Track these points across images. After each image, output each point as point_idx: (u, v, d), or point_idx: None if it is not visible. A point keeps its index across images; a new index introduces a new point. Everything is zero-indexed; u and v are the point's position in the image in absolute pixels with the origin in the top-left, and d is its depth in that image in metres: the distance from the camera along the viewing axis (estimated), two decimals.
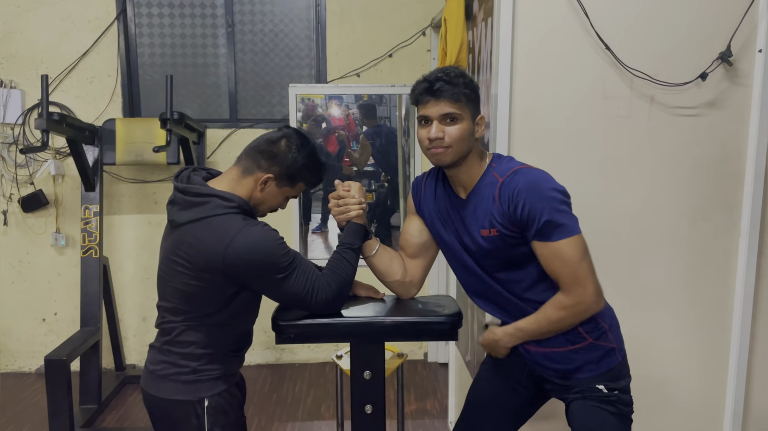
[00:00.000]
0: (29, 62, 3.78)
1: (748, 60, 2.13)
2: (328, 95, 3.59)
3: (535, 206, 1.51)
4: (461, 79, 1.57)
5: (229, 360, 1.69)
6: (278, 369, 4.01)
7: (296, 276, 1.58)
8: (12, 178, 3.82)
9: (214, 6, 3.93)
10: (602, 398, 1.64)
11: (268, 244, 1.55)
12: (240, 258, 1.52)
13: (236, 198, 1.59)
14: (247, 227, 1.55)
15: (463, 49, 2.62)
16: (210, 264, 1.54)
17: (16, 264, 3.91)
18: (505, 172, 1.58)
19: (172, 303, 1.63)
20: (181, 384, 1.63)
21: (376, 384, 1.69)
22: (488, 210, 1.59)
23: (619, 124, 2.14)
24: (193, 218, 1.56)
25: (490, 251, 1.62)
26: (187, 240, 1.56)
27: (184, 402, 1.63)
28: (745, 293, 2.21)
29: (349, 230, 1.71)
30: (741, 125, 2.16)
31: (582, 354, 1.65)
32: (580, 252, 1.54)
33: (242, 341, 1.73)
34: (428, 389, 3.64)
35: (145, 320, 3.99)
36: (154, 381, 1.66)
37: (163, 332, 1.67)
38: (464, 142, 1.58)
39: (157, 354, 1.67)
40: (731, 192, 2.20)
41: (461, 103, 1.56)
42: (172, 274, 1.61)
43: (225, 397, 1.67)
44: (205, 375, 1.64)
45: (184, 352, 1.63)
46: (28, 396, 3.61)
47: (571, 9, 2.07)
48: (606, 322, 1.67)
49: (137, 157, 3.55)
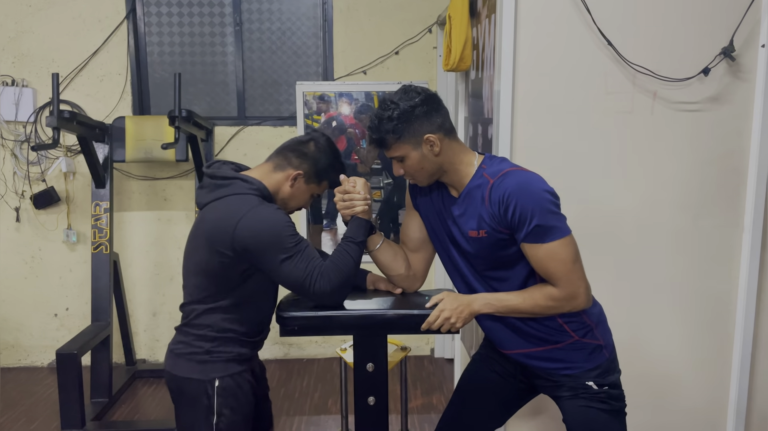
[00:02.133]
0: (41, 61, 3.83)
1: (751, 55, 2.13)
2: (338, 93, 3.61)
3: (526, 208, 1.52)
4: (385, 122, 1.59)
5: (244, 345, 1.76)
6: (286, 364, 4.04)
7: (298, 260, 1.63)
8: (24, 175, 3.87)
9: (222, 5, 3.96)
10: (593, 396, 1.66)
11: (276, 224, 1.63)
12: (249, 232, 1.61)
13: (257, 182, 1.70)
14: (261, 206, 1.65)
15: (467, 45, 2.64)
16: (222, 238, 1.63)
17: (29, 260, 3.97)
18: (496, 173, 1.59)
19: (191, 282, 1.74)
20: (195, 364, 1.72)
21: (379, 377, 1.72)
22: (477, 211, 1.61)
23: (622, 119, 2.15)
24: (216, 197, 1.69)
25: (477, 251, 1.64)
26: (207, 216, 1.68)
27: (197, 380, 1.72)
28: (749, 289, 2.21)
29: (353, 224, 1.74)
30: (744, 121, 2.16)
31: (569, 352, 1.67)
32: (572, 252, 1.56)
33: (256, 329, 1.79)
34: (434, 384, 3.67)
35: (155, 315, 4.04)
36: (171, 359, 1.77)
37: (183, 314, 1.78)
38: (423, 169, 1.63)
39: (178, 334, 1.78)
40: (734, 187, 2.20)
41: (397, 143, 1.60)
42: (193, 251, 1.72)
43: (237, 380, 1.74)
44: (218, 356, 1.72)
45: (199, 334, 1.73)
46: (40, 390, 3.67)
47: (573, 5, 2.08)
48: (592, 320, 1.69)
49: (146, 154, 3.60)
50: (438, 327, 1.64)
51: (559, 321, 1.65)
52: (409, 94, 1.60)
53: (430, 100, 1.61)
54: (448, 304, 1.64)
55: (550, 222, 1.53)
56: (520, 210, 1.52)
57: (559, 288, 1.57)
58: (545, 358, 1.69)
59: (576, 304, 1.59)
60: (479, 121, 2.60)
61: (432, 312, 1.64)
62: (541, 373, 1.73)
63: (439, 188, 1.73)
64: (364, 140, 3.63)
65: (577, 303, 1.59)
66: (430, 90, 1.66)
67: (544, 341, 1.67)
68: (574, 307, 1.60)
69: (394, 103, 1.59)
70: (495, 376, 1.83)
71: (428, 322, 1.64)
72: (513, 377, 1.81)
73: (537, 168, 1.66)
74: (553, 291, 1.58)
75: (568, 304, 1.59)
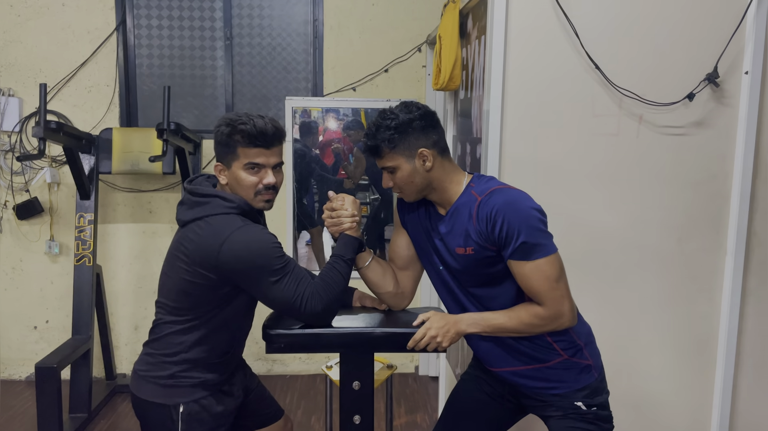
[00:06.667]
0: (28, 71, 3.80)
1: (735, 81, 2.17)
2: (325, 108, 3.63)
3: (513, 225, 1.53)
4: (382, 130, 1.60)
5: (213, 369, 1.71)
6: (269, 381, 4.00)
7: (287, 281, 1.60)
8: (8, 185, 3.83)
9: (213, 19, 3.97)
10: (581, 416, 1.67)
11: (263, 245, 1.60)
12: (234, 255, 1.57)
13: (237, 199, 1.66)
14: (245, 227, 1.61)
15: (457, 65, 2.66)
16: (206, 260, 1.59)
17: (9, 272, 3.91)
18: (484, 191, 1.61)
19: (168, 300, 1.69)
20: (159, 387, 1.68)
21: (365, 395, 1.71)
22: (464, 227, 1.62)
23: (608, 141, 2.17)
24: (196, 216, 1.64)
25: (464, 268, 1.65)
26: (189, 236, 1.64)
27: (161, 405, 1.68)
28: (731, 312, 2.24)
29: (341, 242, 1.73)
30: (727, 145, 2.20)
31: (558, 371, 1.68)
32: (558, 270, 1.57)
33: (227, 352, 1.75)
34: (419, 402, 3.65)
35: (137, 329, 3.99)
36: (136, 381, 1.73)
37: (154, 330, 1.73)
38: (413, 183, 1.65)
39: (144, 354, 1.74)
40: (717, 211, 2.23)
41: (391, 153, 1.62)
42: (172, 270, 1.68)
43: (203, 404, 1.69)
44: (184, 382, 1.68)
45: (166, 352, 1.68)
46: (18, 404, 3.60)
47: (561, 29, 2.11)
48: (582, 340, 1.70)
49: (133, 167, 3.57)
50: (424, 345, 1.63)
51: (548, 340, 1.66)
52: (410, 108, 1.64)
53: (428, 116, 1.64)
54: (434, 323, 1.64)
55: (537, 239, 1.54)
56: (507, 226, 1.53)
57: (544, 306, 1.58)
58: (534, 377, 1.69)
59: (561, 323, 1.60)
60: (468, 140, 2.62)
61: (418, 331, 1.64)
62: (529, 393, 1.73)
63: (426, 206, 1.74)
64: (352, 155, 3.64)
65: (562, 321, 1.60)
66: (431, 108, 1.68)
67: (532, 359, 1.68)
68: (559, 326, 1.61)
69: (393, 113, 1.62)
70: (484, 396, 1.83)
71: (414, 340, 1.64)
72: (501, 397, 1.81)
73: (524, 187, 1.67)
74: (539, 310, 1.59)
75: (553, 323, 1.60)
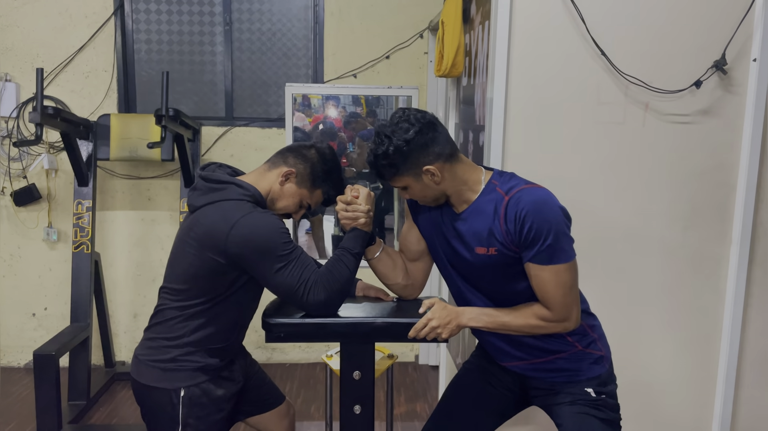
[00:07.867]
0: (25, 56, 3.76)
1: (743, 69, 2.13)
2: (325, 96, 3.59)
3: (542, 228, 1.49)
4: (380, 158, 1.55)
5: (214, 354, 1.71)
6: (269, 369, 3.95)
7: (292, 268, 1.59)
8: (5, 171, 3.80)
9: (213, 4, 3.92)
10: (590, 403, 1.65)
11: (271, 230, 1.60)
12: (242, 239, 1.57)
13: (252, 188, 1.67)
14: (255, 212, 1.62)
15: (459, 52, 2.63)
16: (215, 243, 1.59)
17: (7, 259, 3.89)
18: (511, 189, 1.56)
19: (175, 285, 1.69)
20: (160, 371, 1.68)
21: (366, 385, 1.69)
22: (488, 226, 1.57)
23: (614, 129, 2.14)
24: (209, 201, 1.65)
25: (482, 268, 1.62)
26: (200, 220, 1.64)
27: (161, 389, 1.68)
28: (735, 301, 2.22)
29: (351, 235, 1.70)
30: (734, 134, 2.17)
31: (572, 362, 1.67)
32: (574, 277, 1.56)
33: (230, 339, 1.74)
34: (419, 391, 3.64)
35: (136, 317, 3.98)
36: (137, 366, 1.73)
37: (156, 314, 1.73)
38: (428, 196, 1.62)
39: (145, 339, 1.74)
40: (723, 200, 2.20)
41: (396, 176, 1.58)
42: (181, 255, 1.67)
43: (203, 388, 1.69)
44: (185, 365, 1.67)
45: (169, 336, 1.68)
46: (17, 391, 3.59)
47: (567, 14, 2.08)
48: (596, 333, 1.70)
49: (131, 153, 3.54)
50: (425, 335, 1.61)
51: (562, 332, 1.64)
52: (402, 126, 1.53)
53: (425, 129, 1.53)
54: (437, 313, 1.61)
55: (561, 244, 1.52)
56: (536, 228, 1.50)
57: (551, 310, 1.56)
58: (547, 369, 1.68)
59: (565, 326, 1.59)
60: (470, 128, 2.58)
61: (420, 320, 1.62)
62: (540, 384, 1.71)
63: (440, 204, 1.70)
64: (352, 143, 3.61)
65: (566, 325, 1.59)
66: (426, 116, 1.57)
67: (545, 352, 1.66)
68: (562, 329, 1.60)
69: (387, 137, 1.53)
70: (488, 387, 1.81)
71: (415, 329, 1.62)
72: (507, 389, 1.79)
73: (528, 175, 1.65)
74: (545, 313, 1.57)
75: (557, 326, 1.58)
